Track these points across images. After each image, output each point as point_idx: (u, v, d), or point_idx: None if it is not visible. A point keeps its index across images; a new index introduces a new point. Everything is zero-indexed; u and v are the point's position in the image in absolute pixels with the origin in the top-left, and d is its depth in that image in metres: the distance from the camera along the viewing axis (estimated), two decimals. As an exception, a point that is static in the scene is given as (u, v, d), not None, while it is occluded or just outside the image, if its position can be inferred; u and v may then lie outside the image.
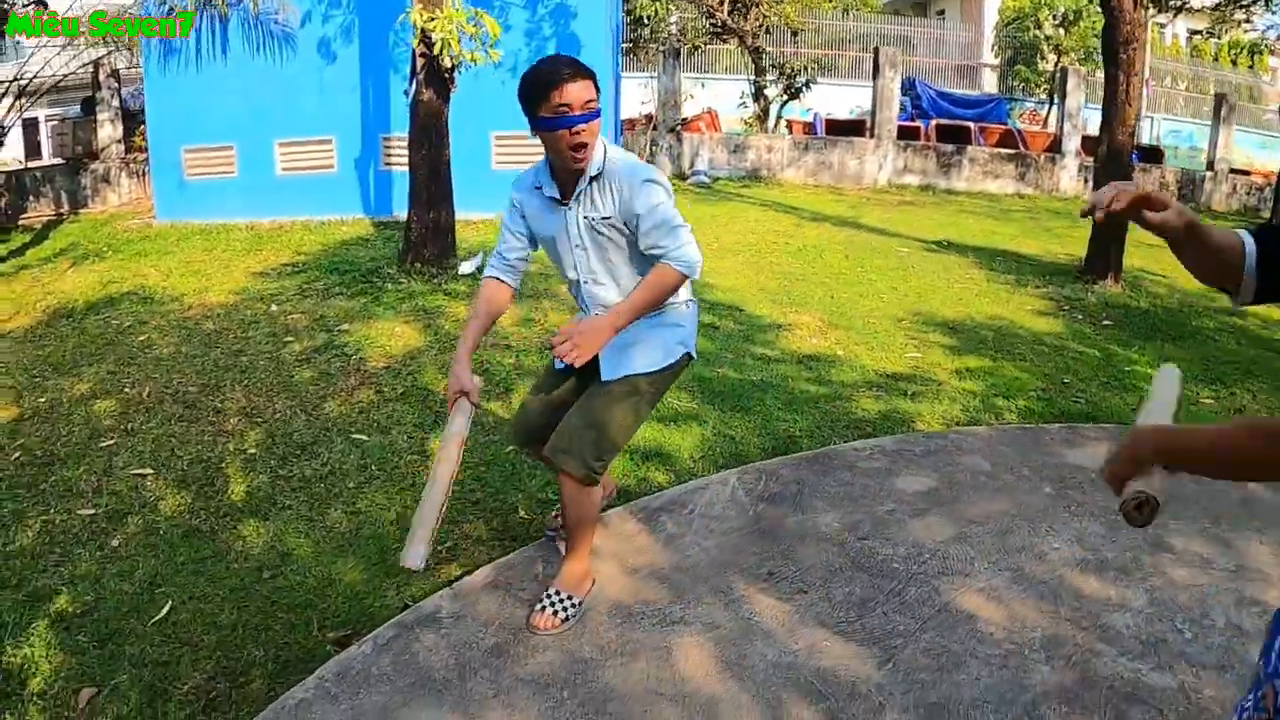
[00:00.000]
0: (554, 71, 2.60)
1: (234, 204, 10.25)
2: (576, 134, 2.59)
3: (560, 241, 2.82)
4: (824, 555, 3.17)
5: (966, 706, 2.45)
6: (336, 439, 4.53)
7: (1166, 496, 1.32)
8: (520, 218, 2.88)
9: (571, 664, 2.56)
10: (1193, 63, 32.39)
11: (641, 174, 2.71)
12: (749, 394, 5.10)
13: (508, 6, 10.10)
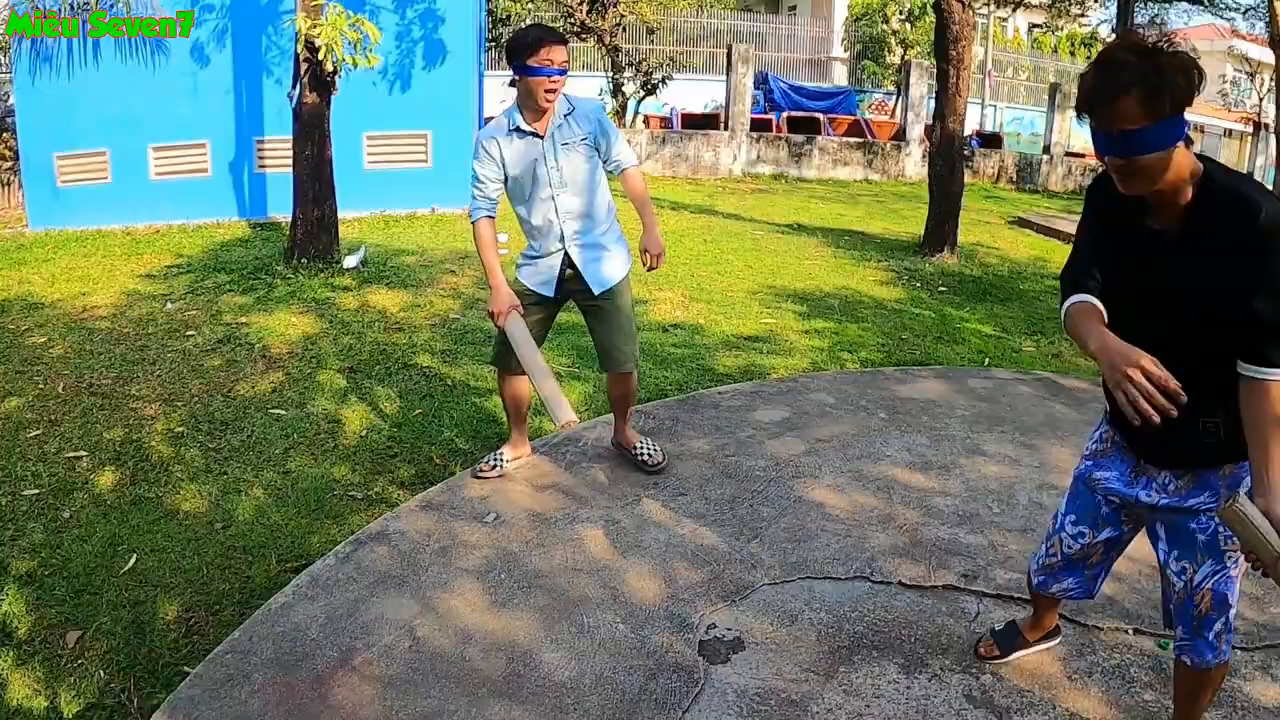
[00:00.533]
0: (545, 33, 3.41)
1: (108, 210, 10.30)
2: (554, 83, 3.38)
3: (539, 166, 3.54)
4: (698, 469, 3.87)
5: (820, 563, 3.17)
6: (256, 415, 4.97)
7: None
8: (495, 162, 3.53)
9: (503, 557, 3.18)
10: (1033, 54, 34.32)
11: (601, 111, 3.74)
12: (627, 358, 5.76)
13: (378, 10, 10.46)
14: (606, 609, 2.88)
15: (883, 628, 2.88)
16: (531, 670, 2.59)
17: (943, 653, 2.78)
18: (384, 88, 10.64)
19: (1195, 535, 2.14)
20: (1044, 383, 5.44)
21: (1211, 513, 2.11)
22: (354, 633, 2.77)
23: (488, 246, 3.61)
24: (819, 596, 3.02)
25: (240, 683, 2.56)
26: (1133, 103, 1.86)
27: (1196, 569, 2.17)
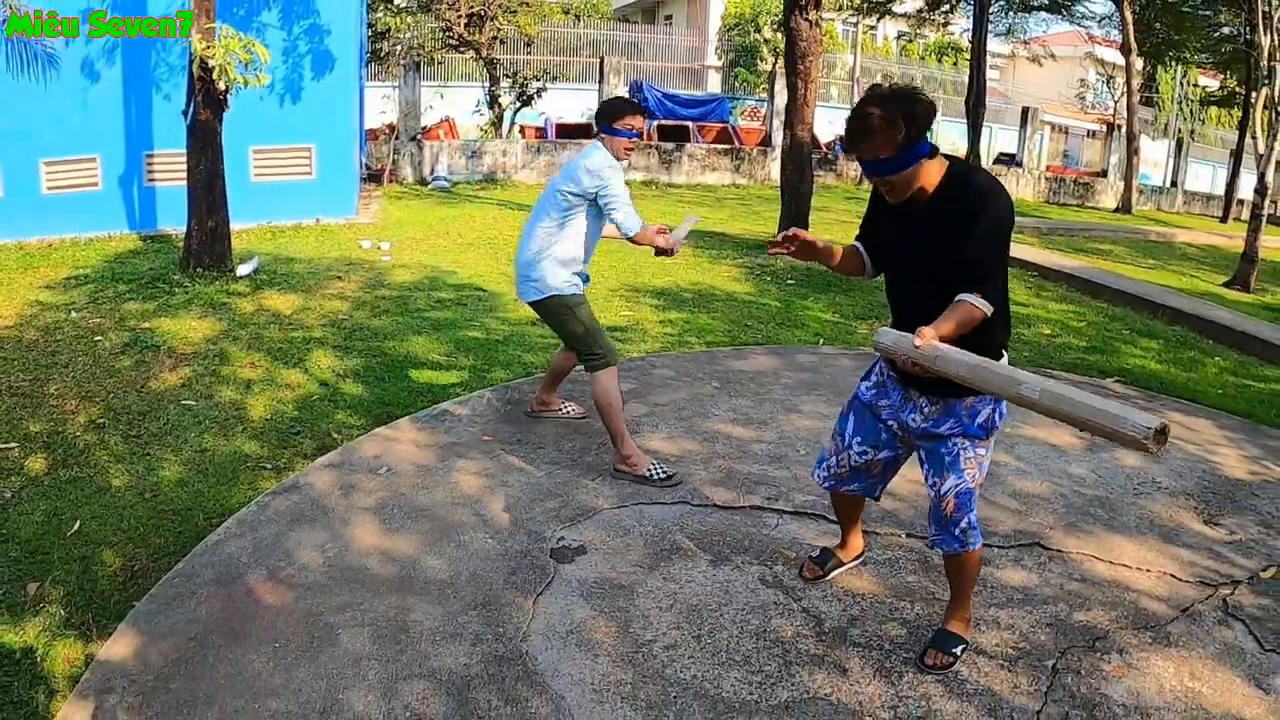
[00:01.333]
0: (637, 106, 4.39)
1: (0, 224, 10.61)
2: (632, 145, 4.33)
3: None
4: (555, 429, 4.73)
5: (651, 493, 4.06)
6: (169, 406, 5.60)
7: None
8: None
9: (395, 497, 3.97)
10: (902, 61, 35.83)
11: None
12: (495, 346, 6.58)
13: (264, 29, 10.95)
14: (477, 530, 3.70)
15: (698, 536, 3.76)
16: (419, 573, 3.38)
17: (745, 551, 3.67)
18: (270, 103, 11.13)
19: (944, 456, 2.96)
20: (867, 356, 6.43)
21: (955, 438, 2.93)
22: (277, 557, 3.52)
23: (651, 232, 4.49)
24: (648, 517, 3.88)
25: (188, 598, 3.28)
26: (876, 141, 2.68)
27: (943, 481, 2.97)
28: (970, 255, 2.73)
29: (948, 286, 2.75)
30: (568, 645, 2.97)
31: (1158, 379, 7.17)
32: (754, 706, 2.77)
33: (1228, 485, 4.98)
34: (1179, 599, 3.68)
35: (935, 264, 2.79)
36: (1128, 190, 24.93)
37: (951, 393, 2.89)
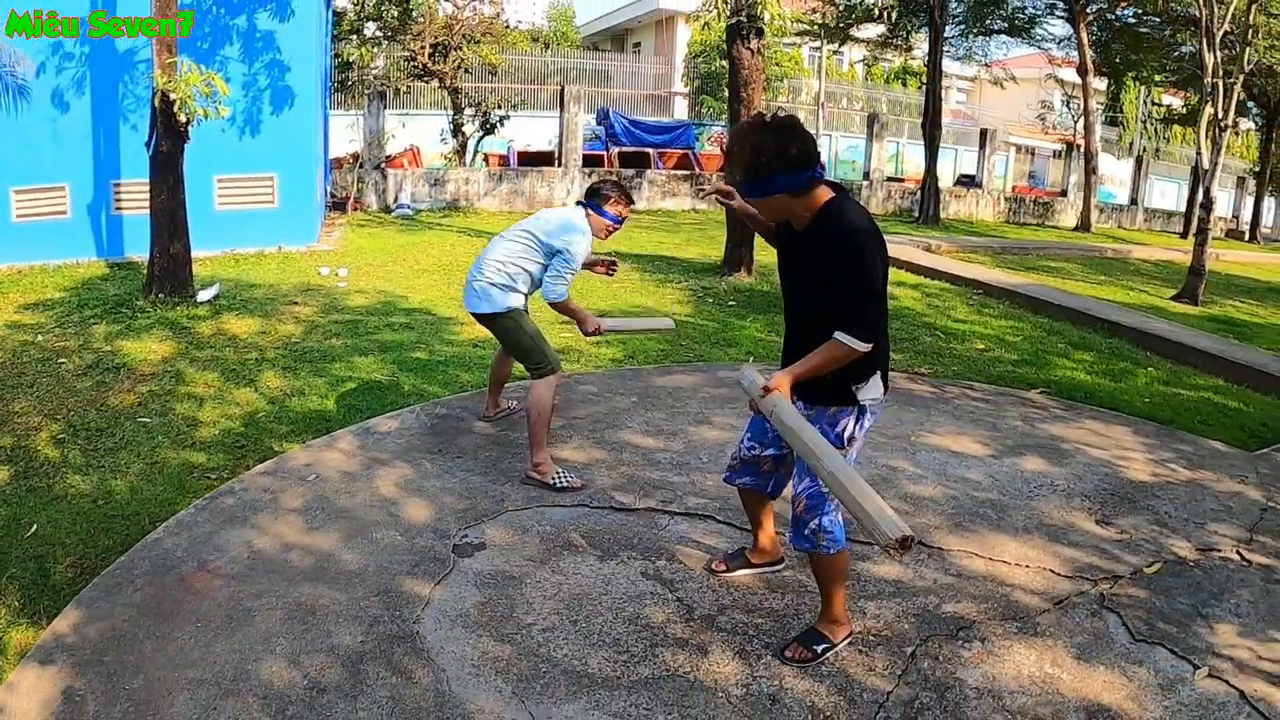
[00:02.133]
0: (628, 195, 5.12)
1: (-30, 251, 10.95)
2: (613, 229, 5.05)
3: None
4: (475, 440, 5.19)
5: (553, 496, 4.50)
6: (126, 423, 6.01)
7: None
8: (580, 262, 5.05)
9: (319, 500, 4.41)
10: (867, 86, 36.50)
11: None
12: (436, 366, 7.02)
13: (227, 61, 11.40)
14: (389, 528, 4.14)
15: (591, 535, 4.21)
16: (333, 565, 3.82)
17: (632, 548, 4.11)
18: (233, 133, 11.58)
19: (803, 460, 3.05)
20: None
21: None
22: (208, 551, 3.95)
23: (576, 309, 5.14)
24: (548, 517, 4.33)
25: (126, 586, 3.70)
26: (735, 164, 2.95)
27: (800, 482, 3.18)
28: (840, 291, 2.93)
29: (825, 306, 2.99)
30: (455, 627, 3.40)
31: (1083, 389, 7.63)
32: (615, 681, 3.18)
33: (1128, 488, 5.34)
34: (1054, 593, 3.99)
35: (815, 281, 3.02)
36: (1086, 209, 25.63)
37: (820, 400, 3.13)
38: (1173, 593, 4.10)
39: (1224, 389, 8.26)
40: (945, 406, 6.73)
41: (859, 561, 4.12)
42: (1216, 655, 3.63)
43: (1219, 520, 4.99)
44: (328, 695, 2.95)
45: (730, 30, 11.66)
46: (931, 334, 9.44)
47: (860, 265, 2.91)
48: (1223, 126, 13.58)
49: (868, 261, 2.92)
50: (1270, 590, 4.21)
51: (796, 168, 2.89)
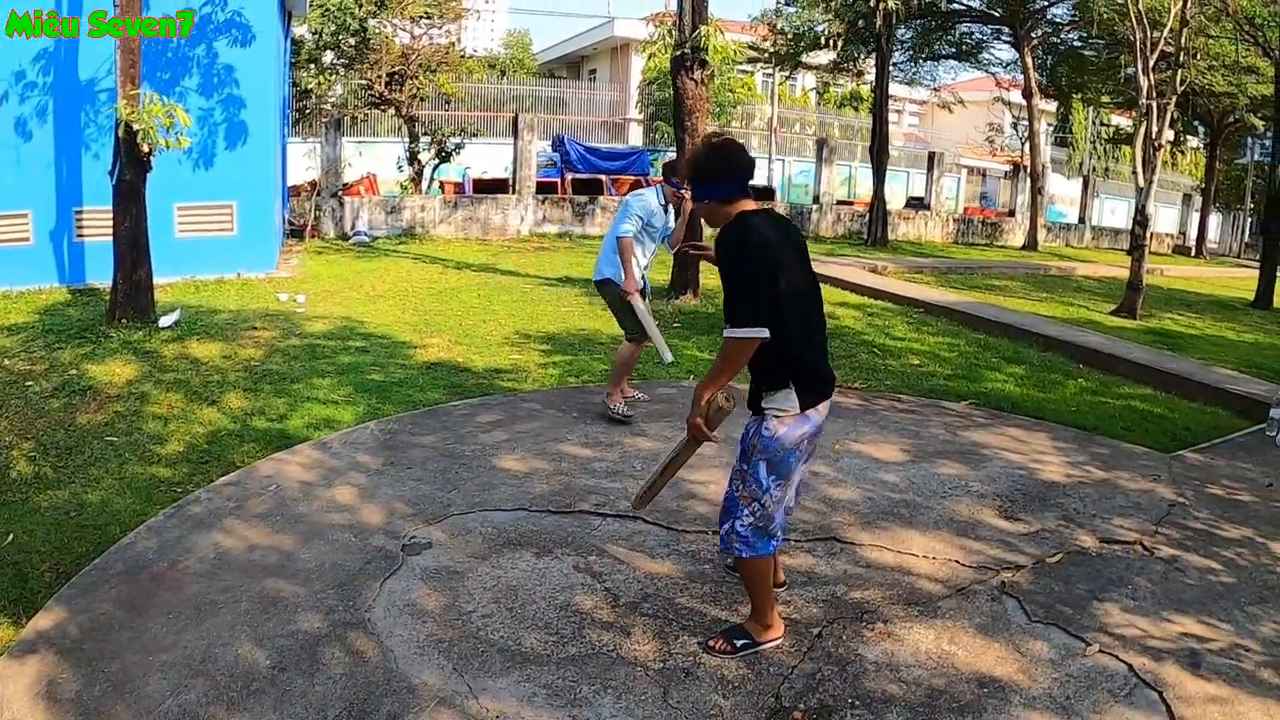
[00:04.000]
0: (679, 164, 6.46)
1: (-66, 278, 11.14)
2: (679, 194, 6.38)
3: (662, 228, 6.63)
4: (424, 454, 5.59)
5: (496, 501, 4.93)
6: (95, 441, 6.33)
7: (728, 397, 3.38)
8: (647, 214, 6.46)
9: (279, 507, 4.79)
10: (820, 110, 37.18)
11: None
12: (390, 387, 7.41)
13: (186, 92, 11.72)
14: (345, 530, 4.53)
15: (529, 535, 4.62)
16: (293, 563, 4.21)
17: (566, 546, 4.53)
18: (193, 162, 11.86)
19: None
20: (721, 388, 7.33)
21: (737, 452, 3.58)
22: (177, 552, 4.32)
23: (631, 254, 6.38)
24: (490, 520, 4.74)
25: (102, 585, 4.07)
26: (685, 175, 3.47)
27: (727, 485, 3.65)
28: (726, 293, 3.36)
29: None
30: (403, 614, 3.80)
31: (1011, 400, 8.11)
32: (545, 658, 3.57)
33: (1041, 488, 5.74)
34: (957, 581, 4.34)
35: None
36: (1033, 228, 26.41)
37: (752, 411, 3.49)
38: (1072, 580, 4.47)
39: (1152, 397, 8.74)
40: (871, 417, 7.15)
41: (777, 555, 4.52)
42: (1109, 634, 3.95)
43: (1126, 515, 5.38)
44: (288, 673, 3.34)
45: (675, 61, 12.16)
46: (869, 351, 9.94)
47: (728, 267, 3.32)
48: (1156, 145, 14.22)
49: (737, 264, 3.30)
50: (1169, 577, 4.58)
51: (724, 180, 3.43)
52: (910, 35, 26.23)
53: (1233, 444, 7.27)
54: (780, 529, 3.65)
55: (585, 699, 3.27)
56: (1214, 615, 4.21)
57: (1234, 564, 4.82)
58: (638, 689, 3.37)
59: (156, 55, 11.28)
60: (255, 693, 3.23)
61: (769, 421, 3.45)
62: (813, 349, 3.51)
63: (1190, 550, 4.96)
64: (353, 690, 3.24)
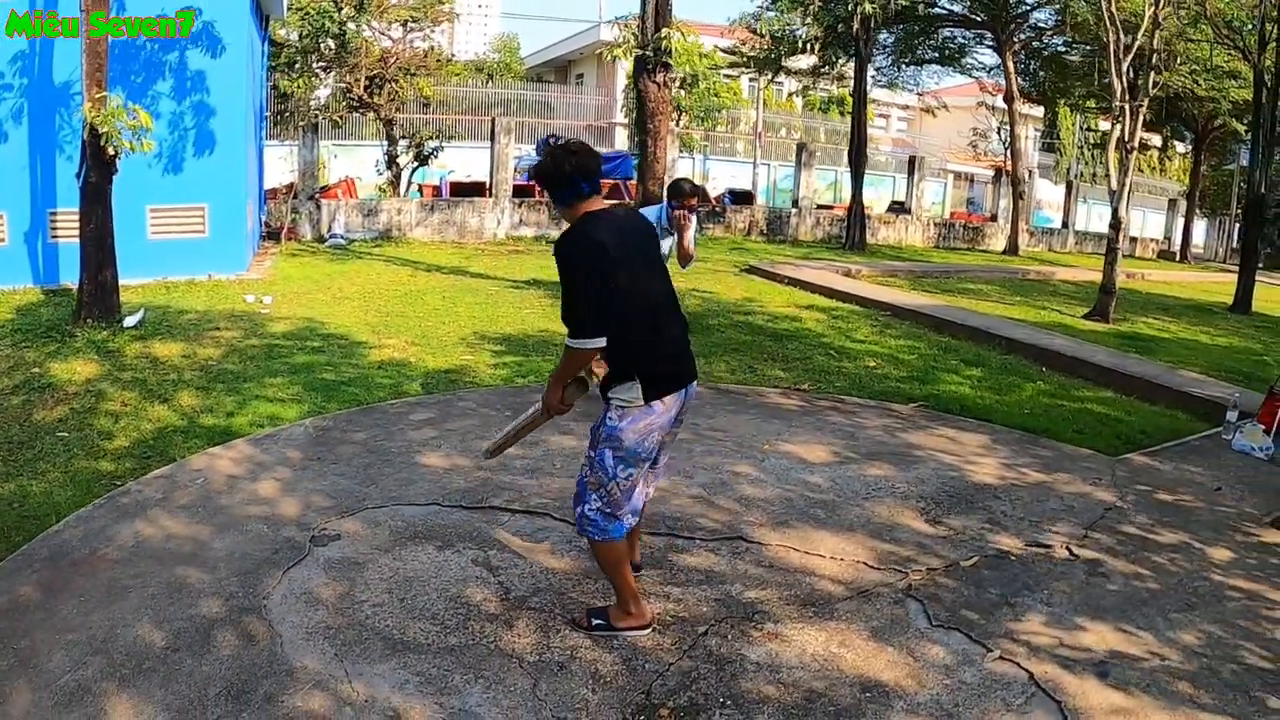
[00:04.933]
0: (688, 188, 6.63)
1: (-90, 277, 11.40)
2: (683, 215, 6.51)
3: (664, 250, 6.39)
4: (352, 450, 5.85)
5: (411, 496, 5.16)
6: (46, 437, 6.56)
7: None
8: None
9: (203, 499, 5.05)
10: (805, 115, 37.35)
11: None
12: (339, 386, 7.66)
13: (159, 96, 11.97)
14: (260, 522, 4.78)
15: (436, 528, 4.87)
16: (205, 552, 4.46)
17: (470, 540, 4.77)
18: (165, 164, 12.12)
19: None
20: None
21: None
22: (99, 541, 4.57)
23: None
24: (401, 514, 4.99)
25: (25, 569, 4.31)
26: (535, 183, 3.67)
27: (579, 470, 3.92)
28: (562, 296, 3.51)
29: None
30: (298, 602, 4.03)
31: (963, 403, 8.21)
32: (425, 648, 3.75)
33: (971, 490, 5.76)
34: (861, 583, 4.35)
35: None
36: (1014, 232, 26.56)
37: (603, 399, 3.65)
38: (985, 584, 4.45)
39: (1111, 400, 8.82)
40: (810, 419, 7.27)
41: (678, 554, 4.66)
42: (1014, 640, 3.93)
43: (1057, 519, 5.38)
44: (180, 653, 3.58)
45: (638, 63, 12.31)
46: (826, 354, 10.13)
47: (560, 271, 3.44)
48: (1129, 148, 14.33)
49: (567, 269, 3.43)
50: (1090, 583, 4.55)
51: (563, 184, 3.52)
52: (892, 40, 26.42)
53: (1185, 447, 7.27)
54: (632, 513, 3.83)
55: (455, 688, 3.44)
56: (1133, 623, 4.18)
57: (1164, 570, 4.80)
58: (509, 680, 3.48)
59: (130, 59, 11.54)
60: (146, 670, 3.47)
61: (612, 411, 3.63)
62: (662, 344, 3.65)
63: (1119, 556, 4.95)
64: (236, 671, 3.48)
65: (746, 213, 23.58)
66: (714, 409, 7.42)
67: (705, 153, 32.29)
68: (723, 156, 32.52)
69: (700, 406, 7.29)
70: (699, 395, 7.35)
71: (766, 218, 23.80)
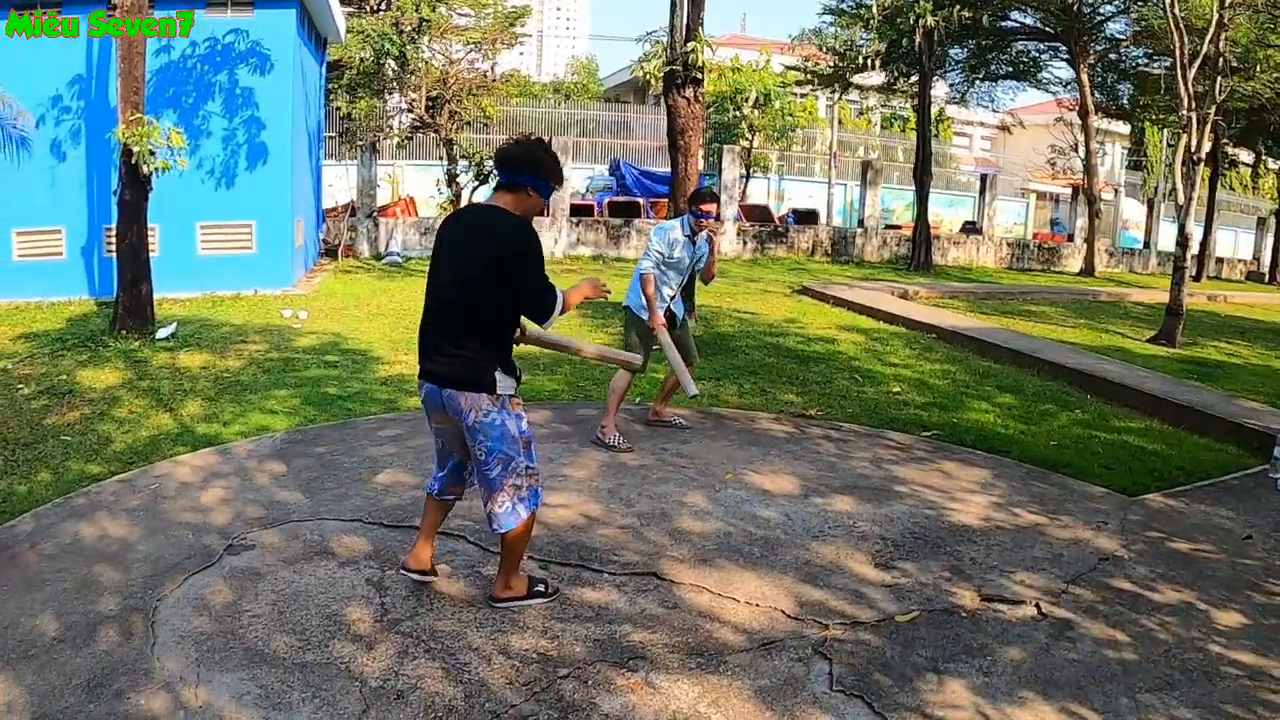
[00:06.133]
0: (708, 194, 6.90)
1: (-24, 287, 12.11)
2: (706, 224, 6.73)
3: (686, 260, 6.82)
4: (306, 463, 6.10)
5: (340, 511, 5.34)
6: (50, 439, 6.92)
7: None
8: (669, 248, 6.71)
9: (149, 504, 5.32)
10: (883, 135, 36.91)
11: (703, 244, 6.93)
12: (336, 400, 7.91)
13: (209, 116, 12.53)
14: (188, 528, 5.01)
15: (347, 545, 4.88)
16: (129, 553, 4.70)
17: (373, 558, 4.73)
18: (214, 183, 12.67)
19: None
20: (627, 411, 7.59)
21: None
22: (42, 536, 4.87)
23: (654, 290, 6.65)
24: (322, 529, 5.10)
25: (-30, 565, 4.58)
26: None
27: None
28: None
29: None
30: (186, 607, 4.17)
31: (980, 432, 7.73)
32: (279, 661, 3.67)
33: (943, 532, 5.28)
34: (769, 633, 4.02)
35: None
36: (1090, 252, 25.65)
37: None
38: (917, 644, 3.99)
39: (1154, 432, 8.20)
40: (792, 447, 6.91)
41: (579, 586, 4.47)
42: (925, 715, 3.48)
43: (1037, 569, 4.84)
44: (64, 644, 3.80)
45: (666, 78, 12.05)
46: (850, 378, 9.77)
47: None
48: (1196, 159, 13.74)
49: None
50: (1050, 649, 4.02)
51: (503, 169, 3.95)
52: (965, 54, 25.92)
53: (1221, 487, 6.53)
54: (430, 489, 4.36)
55: (288, 704, 3.40)
56: (1088, 703, 3.61)
57: (1149, 637, 4.19)
58: (342, 704, 3.42)
59: (182, 79, 12.17)
60: (29, 657, 3.69)
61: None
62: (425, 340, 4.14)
63: (1098, 617, 4.36)
64: (103, 666, 3.67)
65: (810, 232, 23.40)
66: (692, 434, 7.26)
67: (780, 173, 32.20)
68: (799, 176, 32.39)
69: (676, 431, 7.32)
70: (685, 420, 7.51)
71: (831, 238, 23.56)
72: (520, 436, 3.99)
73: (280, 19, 12.60)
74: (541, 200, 4.02)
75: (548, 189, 3.98)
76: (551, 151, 4.02)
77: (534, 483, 4.07)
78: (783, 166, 32.59)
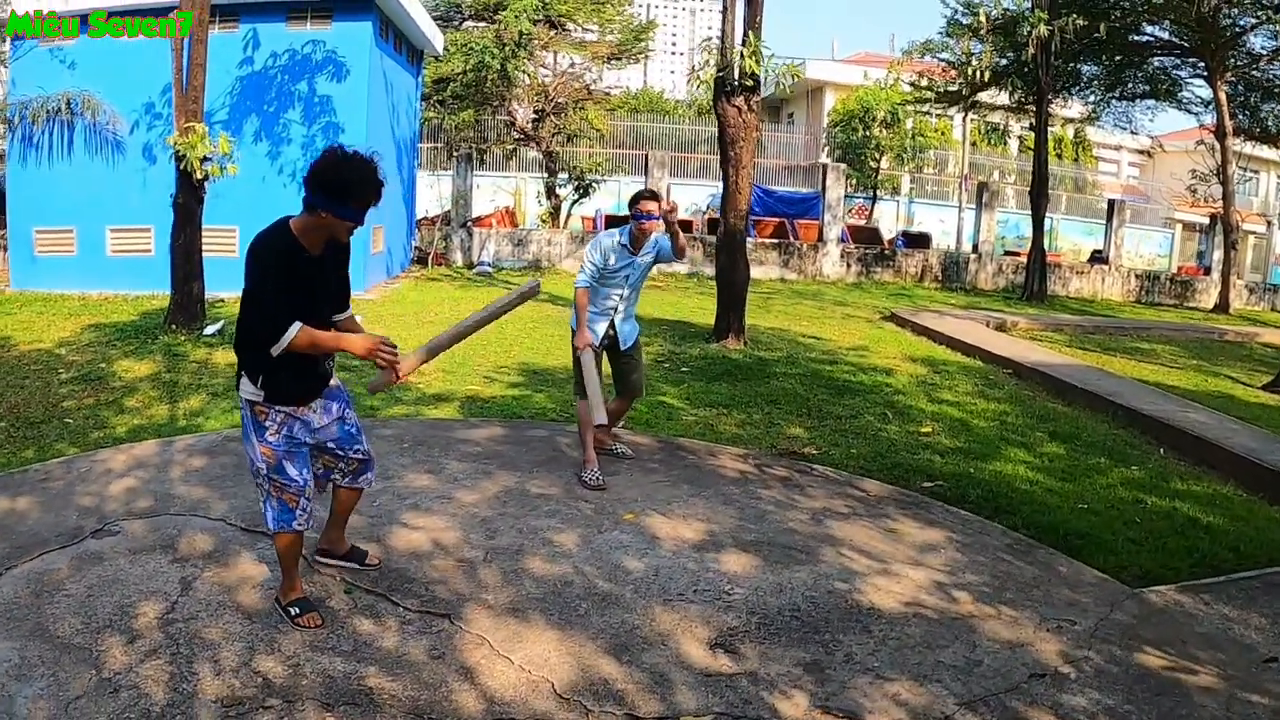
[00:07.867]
0: (647, 193, 6.17)
1: (74, 278, 13.07)
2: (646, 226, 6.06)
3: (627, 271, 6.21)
4: (232, 461, 6.29)
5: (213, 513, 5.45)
6: (55, 421, 7.33)
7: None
8: (603, 260, 6.14)
9: (74, 484, 5.58)
10: (1019, 158, 35.49)
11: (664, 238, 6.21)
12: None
13: (290, 124, 13.14)
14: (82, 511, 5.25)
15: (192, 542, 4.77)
16: (18, 525, 4.95)
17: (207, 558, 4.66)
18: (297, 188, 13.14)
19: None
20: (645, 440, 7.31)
21: None
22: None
23: (583, 308, 6.22)
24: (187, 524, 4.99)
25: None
26: None
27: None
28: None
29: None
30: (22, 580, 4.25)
31: (990, 488, 6.70)
32: (56, 640, 3.79)
33: (838, 614, 4.34)
34: (511, 710, 3.48)
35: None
36: (1225, 288, 23.69)
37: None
38: None
39: (1221, 498, 6.89)
40: (733, 489, 6.13)
41: (364, 617, 4.19)
42: None
43: (928, 680, 3.76)
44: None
45: (716, 86, 11.63)
46: (881, 414, 8.82)
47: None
48: None
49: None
50: None
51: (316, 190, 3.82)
52: (1097, 71, 24.64)
53: (1266, 581, 5.09)
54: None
55: (29, 678, 3.52)
56: None
57: None
58: (67, 686, 3.50)
59: (264, 89, 12.79)
60: None
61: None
62: None
63: None
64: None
65: (919, 257, 22.68)
66: (630, 465, 6.59)
67: (911, 196, 31.51)
68: (931, 200, 31.57)
69: (612, 460, 6.63)
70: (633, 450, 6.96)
71: (942, 263, 22.78)
72: (261, 444, 4.02)
73: (357, 30, 13.14)
74: (338, 220, 3.81)
75: (343, 210, 3.77)
76: (356, 166, 3.75)
77: (284, 497, 4.04)
78: (914, 189, 31.88)
